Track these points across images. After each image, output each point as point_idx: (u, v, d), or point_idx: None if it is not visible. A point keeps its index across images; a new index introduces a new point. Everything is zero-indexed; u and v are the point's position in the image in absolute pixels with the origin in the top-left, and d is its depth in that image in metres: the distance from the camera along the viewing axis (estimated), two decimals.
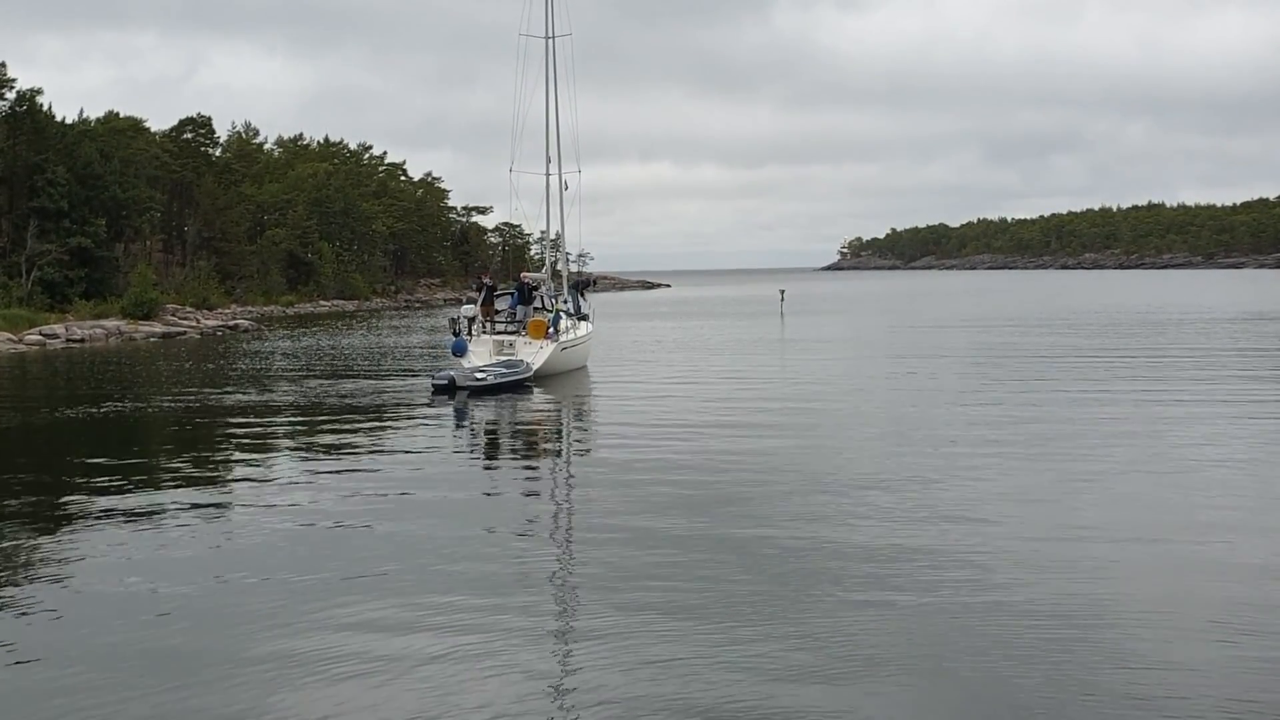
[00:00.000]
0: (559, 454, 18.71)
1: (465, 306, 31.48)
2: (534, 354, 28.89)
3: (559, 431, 21.53)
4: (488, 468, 17.57)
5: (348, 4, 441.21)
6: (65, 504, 14.23)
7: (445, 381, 26.32)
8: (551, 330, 29.92)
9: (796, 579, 10.31)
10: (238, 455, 18.26)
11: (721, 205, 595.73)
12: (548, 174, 35.50)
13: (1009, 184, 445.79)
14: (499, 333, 30.58)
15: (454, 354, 28.94)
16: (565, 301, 33.68)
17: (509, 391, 26.53)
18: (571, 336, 31.39)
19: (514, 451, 19.30)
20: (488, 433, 21.26)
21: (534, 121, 35.21)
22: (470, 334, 29.96)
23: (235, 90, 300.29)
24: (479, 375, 26.63)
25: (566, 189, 35.71)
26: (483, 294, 31.86)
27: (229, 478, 16.20)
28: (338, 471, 16.33)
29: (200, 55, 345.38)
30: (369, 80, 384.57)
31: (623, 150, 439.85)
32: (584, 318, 33.86)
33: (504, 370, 27.24)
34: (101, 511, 13.66)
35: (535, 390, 27.02)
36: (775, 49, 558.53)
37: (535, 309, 31.38)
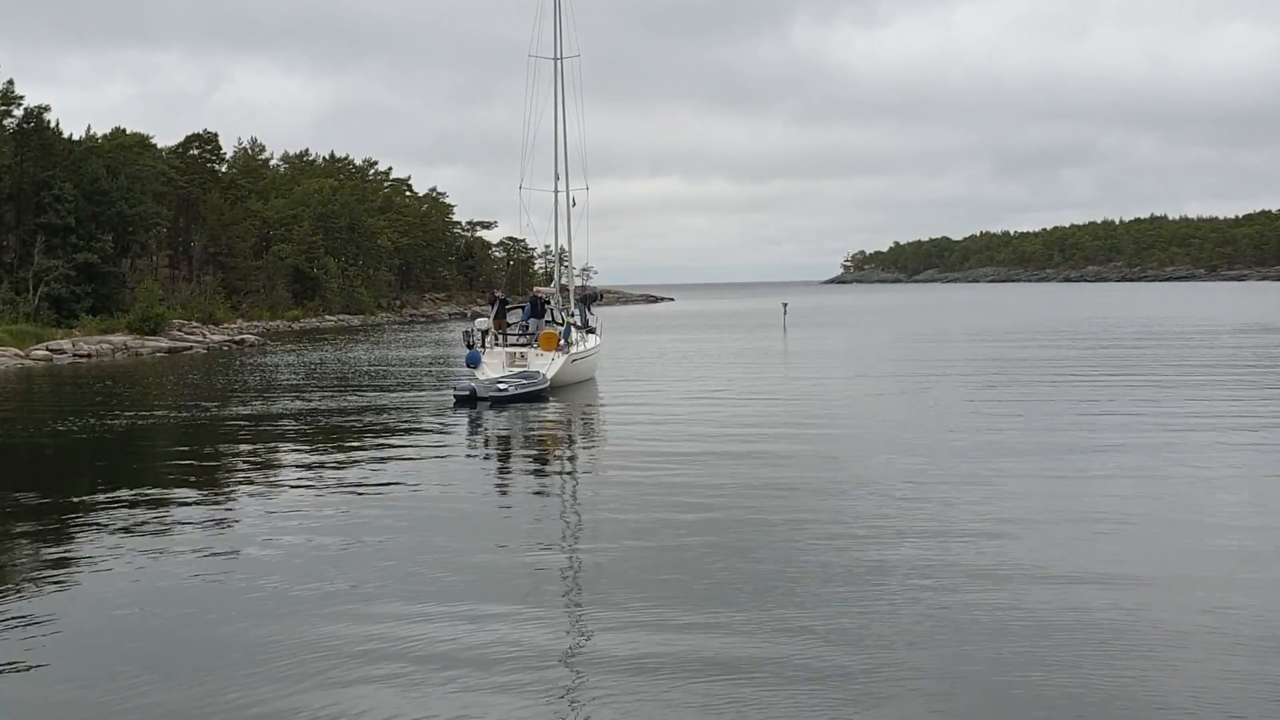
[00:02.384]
0: (573, 466, 18.70)
1: (479, 320, 32.14)
2: (546, 365, 29.37)
3: (574, 443, 21.54)
4: (502, 481, 17.55)
5: (372, 22, 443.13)
6: (73, 517, 14.20)
7: (467, 392, 26.82)
8: (563, 342, 30.41)
9: (806, 589, 10.31)
10: (249, 467, 18.23)
11: (729, 219, 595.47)
12: (556, 191, 36.05)
13: (1018, 198, 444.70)
14: (511, 345, 31.02)
15: (468, 365, 29.48)
16: (573, 315, 34.03)
17: (527, 402, 26.91)
18: (581, 349, 31.90)
19: (529, 463, 19.25)
20: (505, 445, 21.25)
21: (544, 139, 35.63)
22: (484, 346, 30.51)
23: (256, 107, 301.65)
24: (501, 386, 27.11)
25: (574, 205, 36.29)
26: (495, 307, 32.49)
27: (239, 489, 16.18)
28: (350, 483, 16.31)
29: (223, 72, 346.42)
30: (389, 97, 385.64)
31: (635, 165, 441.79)
32: (591, 330, 34.48)
33: (523, 381, 27.72)
34: (110, 523, 13.65)
35: (550, 401, 27.31)
36: (789, 65, 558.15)
37: (547, 322, 32.05)
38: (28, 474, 18.61)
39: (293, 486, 16.21)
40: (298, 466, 18.12)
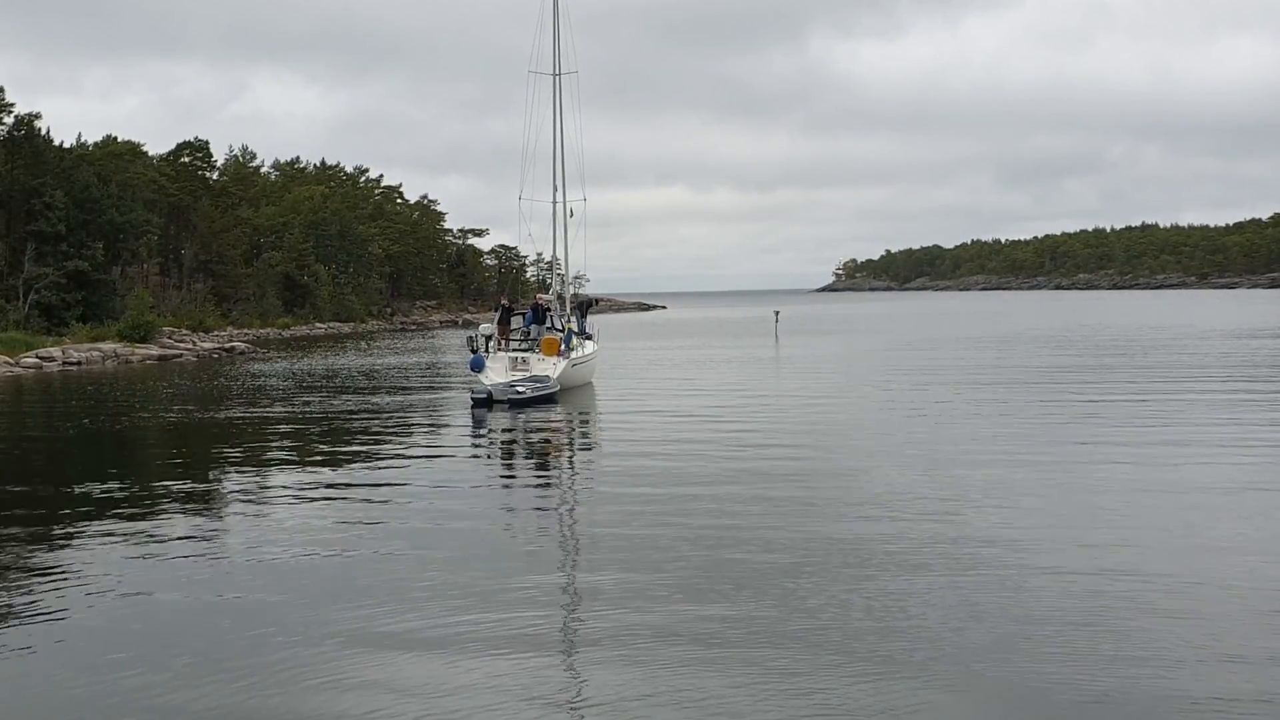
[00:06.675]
0: (573, 475, 18.45)
1: (483, 326, 32.80)
2: (550, 369, 29.99)
3: (575, 450, 21.36)
4: (505, 485, 17.30)
5: (393, 34, 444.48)
6: (66, 524, 13.84)
7: (484, 395, 27.68)
8: (564, 348, 30.98)
9: (809, 593, 10.05)
10: (248, 473, 17.85)
11: (729, 228, 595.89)
12: (554, 202, 36.52)
13: (1021, 207, 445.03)
14: (514, 350, 31.56)
15: (473, 369, 29.86)
16: (570, 321, 34.42)
17: (539, 404, 27.65)
18: (580, 354, 32.46)
19: (533, 465, 19.07)
20: (512, 450, 21.06)
21: (545, 151, 36.14)
22: (488, 351, 31.03)
23: (274, 116, 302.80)
24: (519, 390, 27.89)
25: (571, 216, 36.84)
26: (500, 314, 33.38)
27: (235, 496, 15.83)
28: (349, 490, 16.01)
29: (242, 82, 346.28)
30: (404, 108, 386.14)
31: (641, 174, 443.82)
32: (589, 337, 35.07)
33: (536, 384, 28.54)
34: (102, 532, 13.29)
35: (555, 405, 27.71)
36: (799, 76, 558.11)
37: (548, 328, 32.74)
38: (23, 480, 18.24)
39: (294, 496, 15.84)
40: (299, 475, 17.77)
